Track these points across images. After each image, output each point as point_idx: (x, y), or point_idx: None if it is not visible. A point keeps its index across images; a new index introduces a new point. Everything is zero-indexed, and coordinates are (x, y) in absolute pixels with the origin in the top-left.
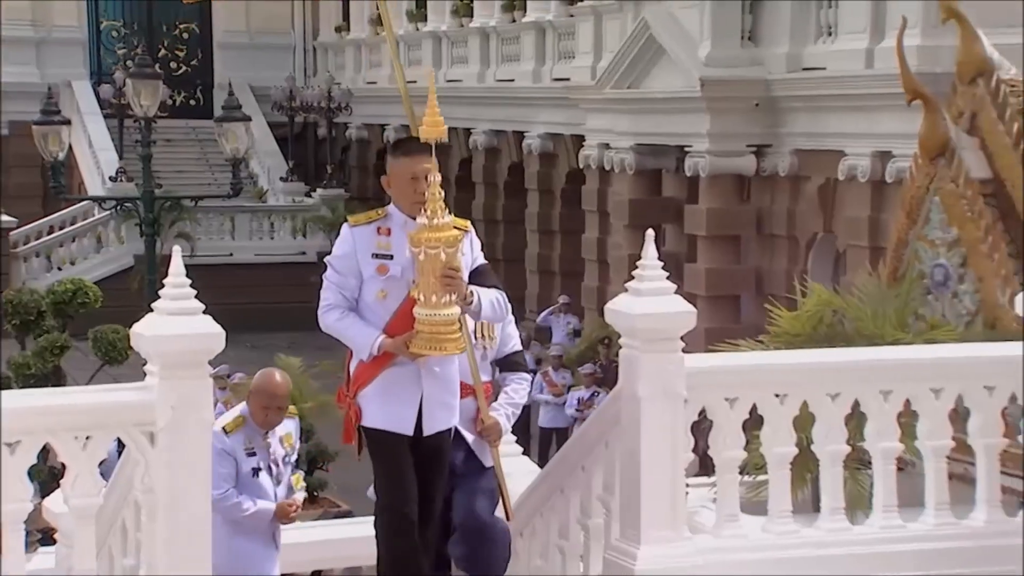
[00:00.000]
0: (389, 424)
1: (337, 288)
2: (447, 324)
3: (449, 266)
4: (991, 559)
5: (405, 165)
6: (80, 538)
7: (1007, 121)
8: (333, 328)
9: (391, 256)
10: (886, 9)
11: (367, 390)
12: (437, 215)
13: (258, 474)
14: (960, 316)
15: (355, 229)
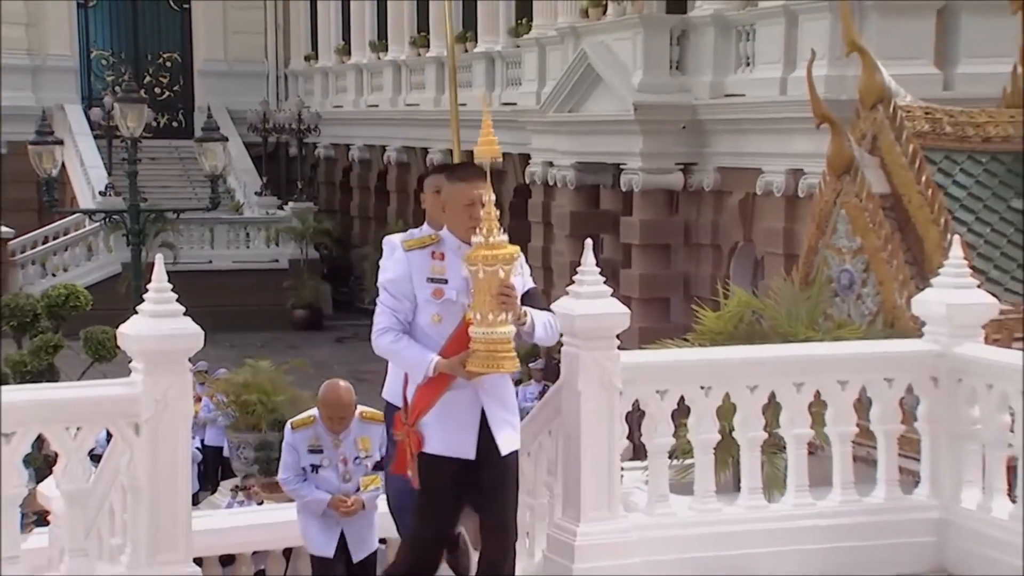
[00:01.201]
0: (451, 450)
1: (391, 312)
2: (503, 342)
3: (505, 284)
4: (891, 533)
5: (462, 191)
6: (71, 520)
7: (903, 143)
8: (388, 351)
9: (446, 280)
10: (797, 42)
11: (427, 417)
12: (493, 234)
13: (318, 470)
14: (863, 316)
15: (409, 253)
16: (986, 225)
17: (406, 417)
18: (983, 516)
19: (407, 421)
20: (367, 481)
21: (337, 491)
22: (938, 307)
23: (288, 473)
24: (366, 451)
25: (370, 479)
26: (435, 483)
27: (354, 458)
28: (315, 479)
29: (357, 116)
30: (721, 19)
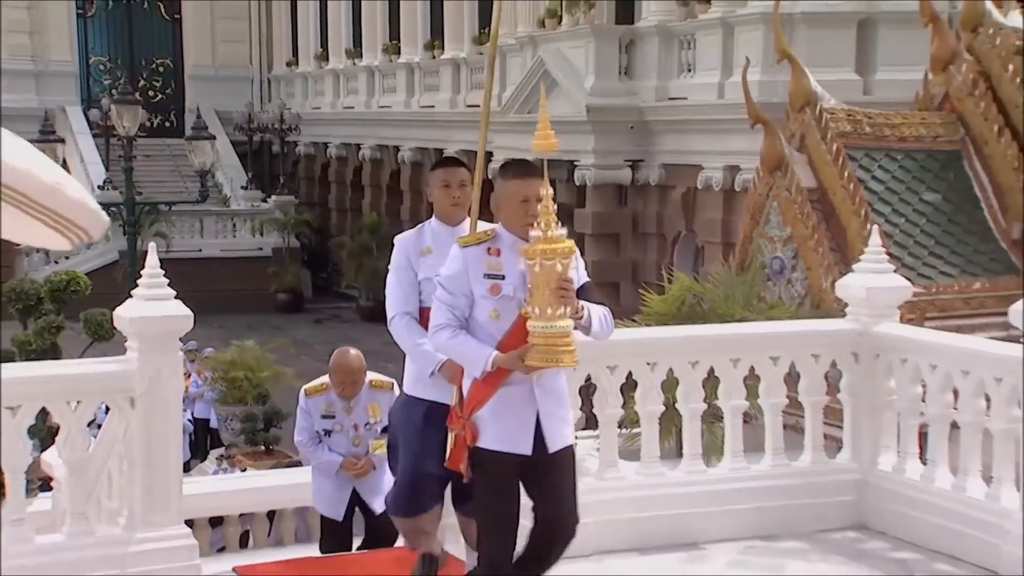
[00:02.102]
0: (506, 445)
1: (448, 308)
2: (562, 336)
3: (563, 278)
4: (816, 493)
5: (517, 187)
6: (72, 485)
7: (828, 141)
8: (445, 347)
9: (503, 276)
10: (733, 50)
11: (482, 411)
12: (551, 228)
13: (330, 434)
14: (793, 298)
15: (465, 250)
16: (901, 216)
17: (461, 411)
18: (898, 477)
19: (462, 415)
20: (376, 444)
21: (348, 454)
22: (859, 290)
23: (303, 436)
24: (375, 417)
25: (379, 443)
26: (494, 475)
27: (364, 424)
28: (328, 442)
29: (334, 117)
30: (665, 29)
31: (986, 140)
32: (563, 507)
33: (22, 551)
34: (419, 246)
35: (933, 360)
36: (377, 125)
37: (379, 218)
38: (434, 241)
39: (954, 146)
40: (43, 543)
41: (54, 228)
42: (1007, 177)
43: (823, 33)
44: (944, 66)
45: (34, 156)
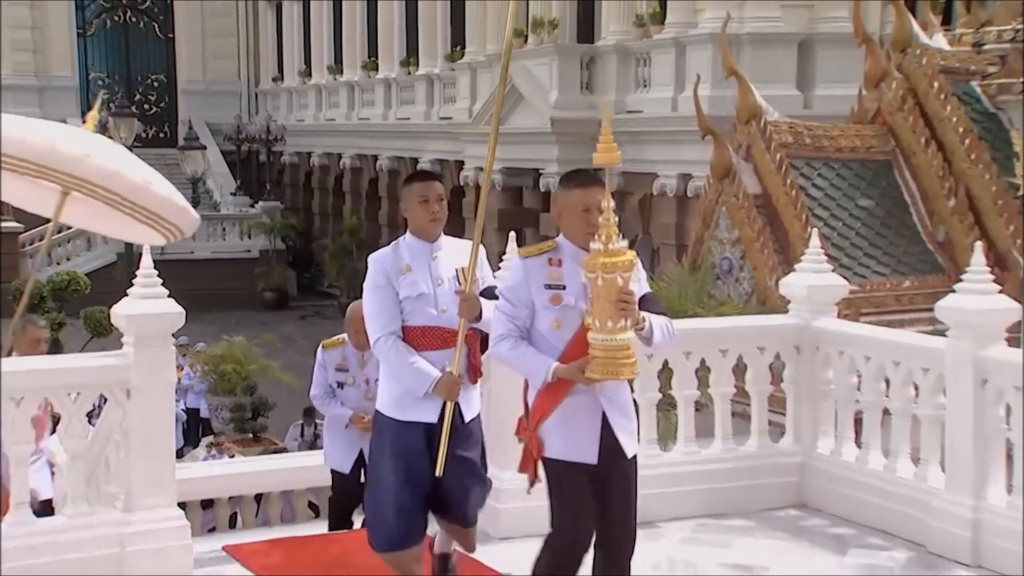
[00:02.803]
0: (573, 455)
1: (509, 318)
2: (622, 349)
3: (624, 291)
4: (761, 475)
5: (578, 197)
6: (73, 470)
7: (772, 152)
8: (506, 357)
9: (563, 286)
10: (685, 68)
11: (548, 422)
12: (612, 240)
13: (343, 387)
14: (741, 296)
15: (527, 260)
16: (838, 220)
17: (527, 422)
18: (835, 460)
19: (528, 426)
20: None
21: (359, 408)
22: (800, 288)
23: (318, 389)
24: None
25: None
26: (564, 484)
27: (375, 379)
28: (341, 395)
29: (317, 128)
30: (623, 48)
31: (914, 151)
32: (627, 516)
33: (26, 532)
34: (397, 264)
35: (867, 352)
36: (357, 136)
37: (359, 222)
38: (412, 258)
39: (885, 156)
40: (46, 524)
41: (146, 224)
42: (933, 185)
43: (767, 52)
44: (876, 83)
45: (124, 157)
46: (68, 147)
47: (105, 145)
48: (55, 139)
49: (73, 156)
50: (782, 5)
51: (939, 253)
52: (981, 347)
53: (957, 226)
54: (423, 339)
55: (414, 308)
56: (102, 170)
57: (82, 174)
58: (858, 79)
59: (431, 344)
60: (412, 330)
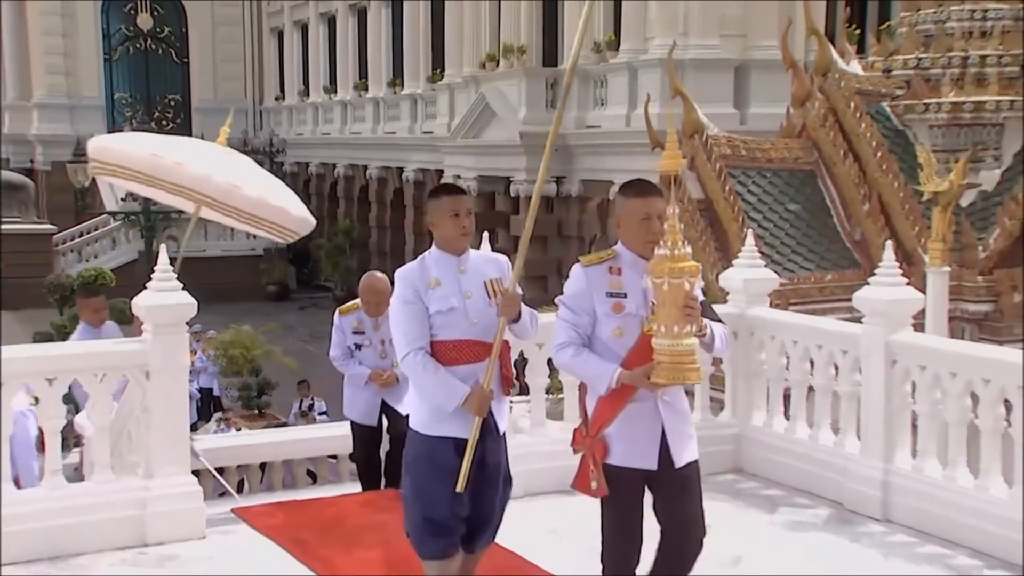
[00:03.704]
0: (634, 461)
1: (571, 326)
2: (688, 354)
3: (690, 297)
4: (706, 444)
5: (638, 206)
6: (99, 442)
7: (712, 162)
8: (569, 364)
9: (624, 294)
10: (637, 89)
11: (609, 429)
12: (678, 246)
13: (360, 348)
14: None
15: (587, 269)
16: (770, 222)
17: (586, 429)
18: (767, 430)
19: (588, 433)
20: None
21: (375, 367)
22: (737, 281)
23: (336, 351)
24: None
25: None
26: (621, 489)
27: (390, 340)
28: (358, 356)
29: (314, 141)
30: (583, 71)
31: (834, 162)
32: (690, 521)
33: (58, 495)
34: (426, 278)
35: (795, 337)
36: (349, 148)
37: (351, 224)
38: (440, 272)
39: (810, 166)
40: (76, 489)
41: (266, 230)
42: (850, 191)
43: (708, 75)
44: (802, 103)
45: (243, 173)
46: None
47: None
48: (211, 172)
49: (224, 187)
50: (721, 35)
51: (856, 251)
52: (891, 332)
53: (871, 227)
54: (454, 353)
55: (445, 322)
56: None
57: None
58: (786, 99)
59: (463, 358)
60: (443, 344)
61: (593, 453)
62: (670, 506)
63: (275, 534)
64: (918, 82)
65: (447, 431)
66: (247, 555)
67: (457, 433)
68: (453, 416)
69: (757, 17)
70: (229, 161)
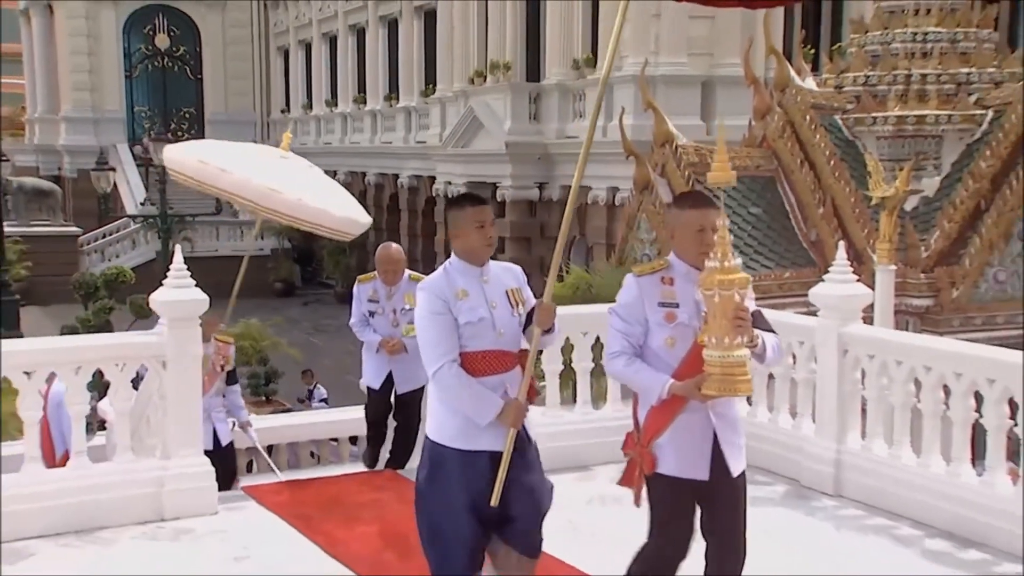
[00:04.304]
0: (685, 471)
1: (623, 336)
2: (739, 365)
3: (741, 308)
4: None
5: (693, 218)
6: (120, 426)
7: (682, 169)
8: (621, 374)
9: (677, 304)
10: (613, 102)
11: (661, 439)
12: (728, 258)
13: (374, 315)
14: None
15: (640, 279)
16: (734, 224)
17: (638, 437)
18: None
19: (639, 441)
20: (409, 328)
21: (387, 334)
22: None
23: (355, 318)
24: (411, 304)
25: (412, 327)
26: (671, 499)
27: (401, 309)
28: (372, 323)
29: (317, 151)
30: (563, 86)
31: (792, 169)
32: (737, 531)
33: (84, 475)
34: (453, 289)
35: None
36: (349, 156)
37: None
38: (466, 283)
39: (770, 173)
40: (100, 468)
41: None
42: (806, 196)
43: (677, 90)
44: (762, 115)
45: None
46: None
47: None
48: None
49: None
50: (688, 53)
51: (811, 250)
52: (843, 324)
53: (825, 229)
54: (483, 364)
55: (474, 333)
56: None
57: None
58: (748, 112)
59: (490, 369)
60: (471, 356)
61: (641, 463)
62: (717, 519)
63: (281, 510)
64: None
65: (483, 444)
66: (256, 529)
67: (489, 446)
68: (485, 428)
69: (721, 37)
70: (275, 166)
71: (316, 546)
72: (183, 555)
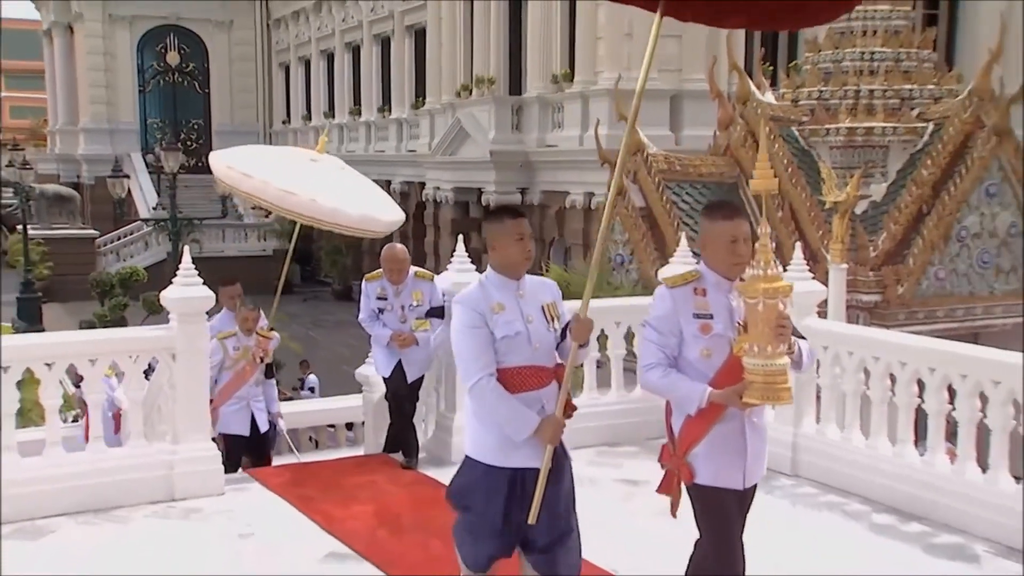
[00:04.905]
0: (723, 481)
1: (658, 347)
2: (781, 374)
3: (783, 316)
4: (644, 413)
5: (726, 229)
6: (134, 414)
7: (652, 176)
8: (657, 385)
9: (711, 315)
10: (589, 114)
11: (698, 449)
12: (770, 266)
13: (383, 312)
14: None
15: (673, 290)
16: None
17: (674, 448)
18: None
19: (675, 452)
20: (418, 324)
21: (396, 329)
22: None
23: (364, 314)
24: (418, 301)
25: (420, 322)
26: (716, 510)
27: (409, 305)
28: (382, 319)
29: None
30: (543, 99)
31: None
32: (741, 539)
33: (101, 458)
34: (489, 303)
35: None
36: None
37: None
38: (502, 297)
39: (733, 180)
40: (115, 452)
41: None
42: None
43: (648, 103)
44: (726, 126)
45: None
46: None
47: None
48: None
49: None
50: (658, 69)
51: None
52: (800, 318)
53: (783, 231)
54: (518, 380)
55: (510, 347)
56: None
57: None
58: (713, 124)
59: (525, 385)
60: (507, 371)
61: (678, 474)
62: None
63: (283, 491)
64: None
65: (514, 461)
66: (259, 508)
67: (524, 463)
68: (521, 445)
69: (689, 55)
70: (299, 169)
71: (315, 524)
72: (192, 532)
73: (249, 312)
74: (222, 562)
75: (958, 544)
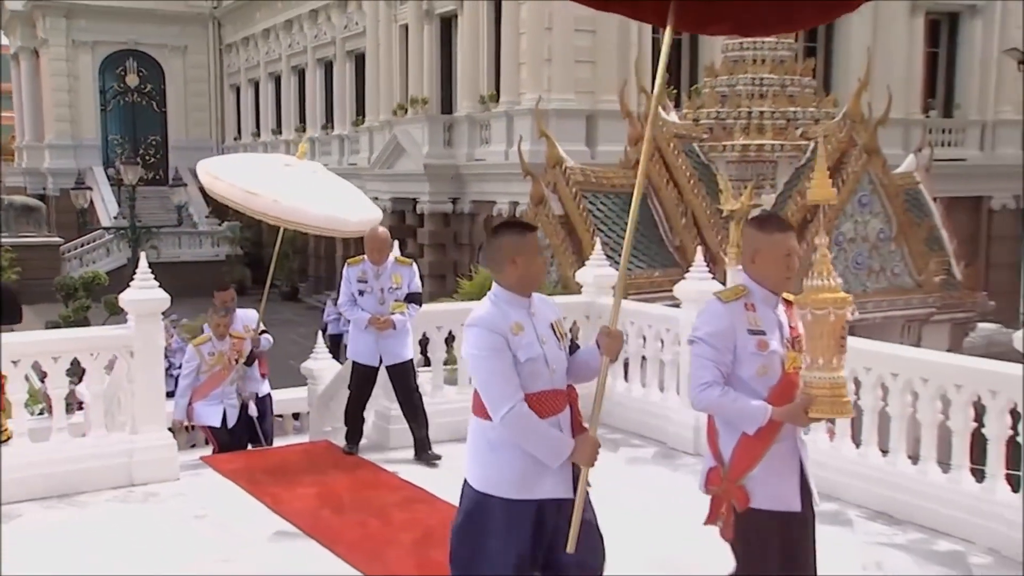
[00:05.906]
0: (781, 504)
1: (715, 365)
2: (843, 386)
3: (844, 328)
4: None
5: (781, 242)
6: (95, 407)
7: (570, 186)
8: (717, 405)
9: (763, 331)
10: (513, 130)
11: (755, 471)
12: (832, 276)
13: (363, 294)
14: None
15: (728, 305)
16: (613, 233)
17: (724, 472)
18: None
19: (727, 476)
20: (396, 306)
21: (375, 312)
22: (589, 277)
23: (343, 298)
24: (397, 284)
25: (398, 305)
26: (774, 535)
27: (388, 288)
28: (361, 302)
29: None
30: (471, 117)
31: (660, 187)
32: (813, 560)
33: (64, 448)
34: (508, 323)
35: (632, 319)
36: None
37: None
38: (518, 316)
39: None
40: (79, 442)
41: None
42: (672, 209)
43: (566, 121)
44: (635, 142)
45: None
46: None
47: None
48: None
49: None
50: (575, 91)
51: (676, 254)
52: None
53: (686, 236)
54: (539, 407)
55: (531, 372)
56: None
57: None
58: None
59: (546, 411)
60: (530, 397)
61: (732, 500)
62: (804, 549)
63: (234, 476)
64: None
65: (537, 492)
66: (212, 492)
67: (550, 493)
68: (546, 474)
69: (602, 79)
70: (268, 172)
71: (263, 505)
72: (150, 514)
73: (221, 319)
74: (178, 542)
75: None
